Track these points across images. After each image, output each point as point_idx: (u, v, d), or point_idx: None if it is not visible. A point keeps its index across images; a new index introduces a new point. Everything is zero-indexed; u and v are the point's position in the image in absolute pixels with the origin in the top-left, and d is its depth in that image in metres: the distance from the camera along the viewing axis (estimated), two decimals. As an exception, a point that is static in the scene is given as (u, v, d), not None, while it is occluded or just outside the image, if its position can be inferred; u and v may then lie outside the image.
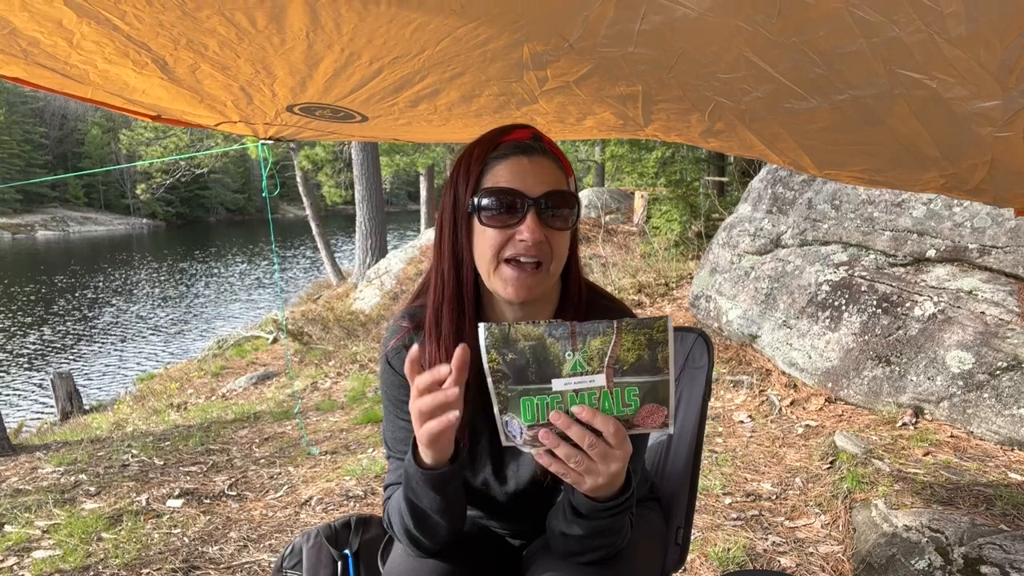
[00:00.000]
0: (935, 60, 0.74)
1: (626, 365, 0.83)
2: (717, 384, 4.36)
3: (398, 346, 1.17)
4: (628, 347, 0.82)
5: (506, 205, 1.03)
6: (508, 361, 0.84)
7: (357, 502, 3.16)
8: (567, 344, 0.83)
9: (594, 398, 0.84)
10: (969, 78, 0.75)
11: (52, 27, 1.12)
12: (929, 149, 0.99)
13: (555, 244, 1.06)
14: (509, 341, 0.83)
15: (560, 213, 1.05)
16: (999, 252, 3.58)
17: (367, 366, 6.57)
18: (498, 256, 1.05)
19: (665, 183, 9.93)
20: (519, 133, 1.09)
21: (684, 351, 1.56)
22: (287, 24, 1.10)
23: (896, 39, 0.73)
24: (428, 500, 1.02)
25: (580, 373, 0.83)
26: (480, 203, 1.05)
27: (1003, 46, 0.70)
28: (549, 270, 1.06)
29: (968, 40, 0.69)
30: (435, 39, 1.12)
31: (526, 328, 0.83)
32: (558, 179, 1.07)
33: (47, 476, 3.70)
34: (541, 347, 0.83)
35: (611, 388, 0.83)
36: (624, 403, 0.84)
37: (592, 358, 0.83)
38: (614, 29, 0.93)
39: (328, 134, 2.25)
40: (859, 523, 2.49)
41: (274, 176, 3.68)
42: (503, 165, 1.06)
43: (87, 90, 1.53)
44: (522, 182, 1.04)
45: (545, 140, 1.10)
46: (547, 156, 1.08)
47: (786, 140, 1.17)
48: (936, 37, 0.70)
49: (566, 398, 0.84)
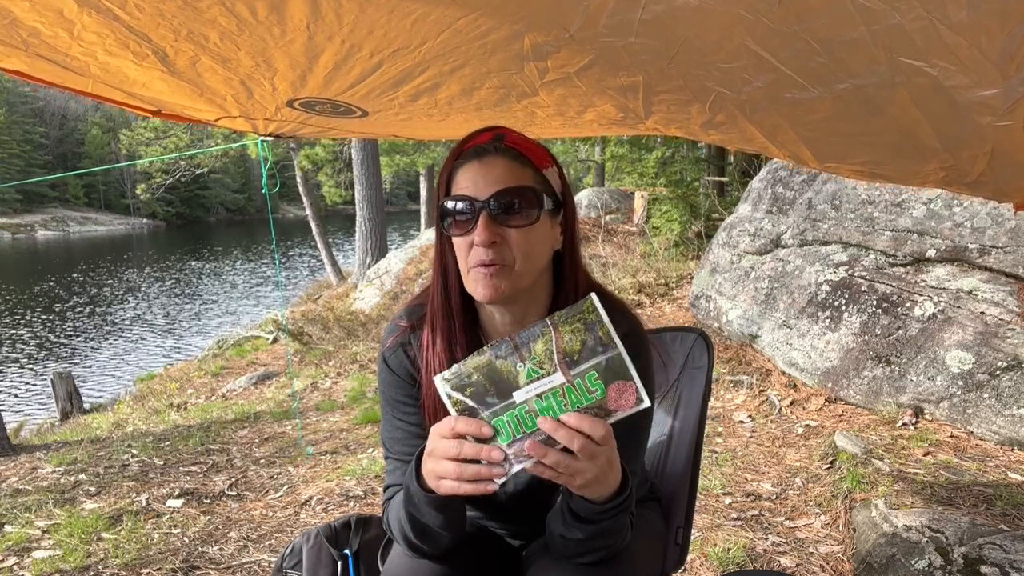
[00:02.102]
0: (936, 47, 0.74)
1: (575, 355, 0.84)
2: (717, 384, 4.35)
3: (395, 345, 1.17)
4: (569, 337, 0.84)
5: (461, 211, 1.04)
6: (469, 395, 0.87)
7: (357, 502, 3.15)
8: (515, 358, 0.85)
9: (558, 396, 0.85)
10: (970, 65, 0.75)
11: (53, 17, 1.12)
12: (929, 139, 0.99)
13: (515, 242, 1.04)
14: (463, 377, 0.87)
15: (515, 209, 1.03)
16: (999, 252, 3.58)
17: (367, 366, 6.56)
18: (467, 262, 1.06)
19: (665, 183, 9.94)
20: (481, 137, 1.09)
21: (684, 351, 1.56)
22: (288, 15, 1.10)
23: (897, 26, 0.73)
24: (431, 518, 1.01)
25: (536, 379, 0.85)
26: (443, 214, 1.07)
27: (1004, 33, 0.69)
28: (515, 269, 1.05)
29: (969, 27, 0.69)
30: (436, 31, 1.12)
31: (473, 360, 0.87)
32: (515, 175, 1.05)
33: (47, 476, 3.69)
34: (492, 369, 0.86)
35: (571, 381, 0.85)
36: (588, 390, 0.85)
37: (542, 361, 0.85)
38: (615, 19, 0.93)
39: (328, 131, 2.25)
40: (859, 523, 2.48)
41: (274, 174, 3.68)
42: (460, 172, 1.07)
43: (87, 83, 1.53)
44: (473, 186, 1.04)
45: (508, 138, 1.08)
46: (503, 155, 1.06)
47: (787, 132, 1.17)
48: (937, 24, 0.70)
49: (531, 404, 0.86)
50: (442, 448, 0.89)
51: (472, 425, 0.87)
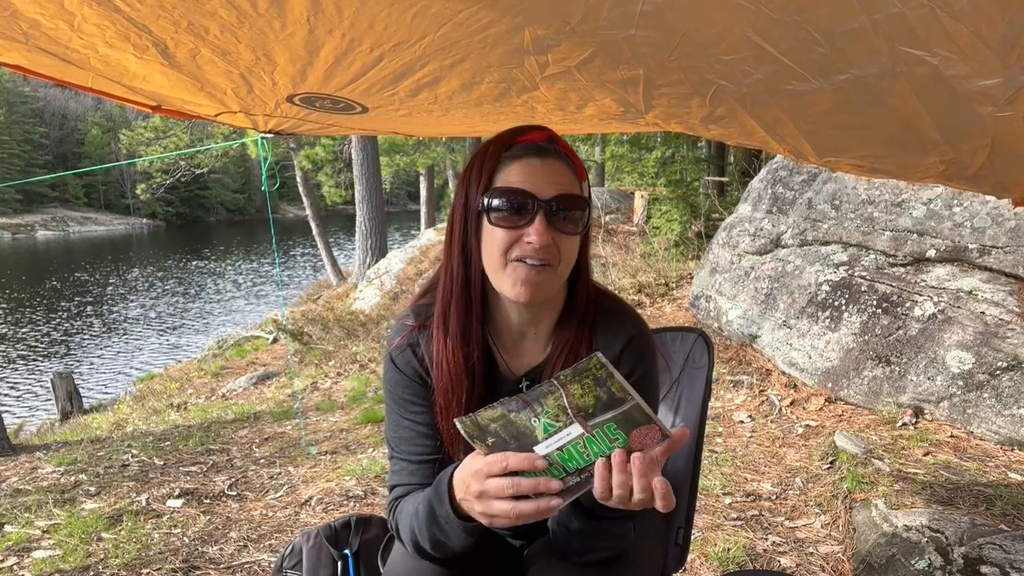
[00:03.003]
0: (937, 35, 0.74)
1: (589, 408, 0.81)
2: (717, 384, 4.35)
3: (403, 344, 1.16)
4: (580, 394, 0.81)
5: (516, 206, 1.03)
6: (490, 444, 0.86)
7: (357, 502, 3.15)
8: (528, 412, 0.83)
9: (579, 447, 0.83)
10: (971, 54, 0.75)
11: (53, 8, 1.11)
12: (930, 131, 0.99)
13: (563, 248, 1.05)
14: (481, 427, 0.85)
15: (570, 216, 1.05)
16: (999, 252, 3.58)
17: (367, 366, 6.56)
18: (506, 256, 1.04)
19: (665, 183, 9.95)
20: (535, 134, 1.09)
21: (684, 351, 1.56)
22: (288, 7, 1.10)
23: (899, 15, 0.72)
24: (459, 541, 1.00)
25: (554, 432, 0.83)
26: (490, 203, 1.04)
27: (1005, 21, 0.69)
28: (557, 272, 1.06)
29: (970, 14, 0.69)
30: (436, 24, 1.11)
31: (488, 412, 0.84)
32: (570, 182, 1.06)
33: (47, 476, 3.69)
34: (508, 423, 0.84)
35: (591, 432, 0.83)
36: (610, 439, 0.83)
37: (557, 415, 0.82)
38: (615, 11, 0.93)
39: (328, 127, 2.24)
40: (859, 523, 2.48)
41: (274, 173, 3.68)
42: (515, 166, 1.05)
43: (87, 77, 1.53)
44: (533, 183, 1.03)
45: (560, 143, 1.10)
46: (561, 159, 1.07)
47: (787, 125, 1.17)
48: (938, 11, 0.70)
49: (553, 459, 0.84)
50: (495, 488, 0.87)
51: (525, 461, 0.85)
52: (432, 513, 1.00)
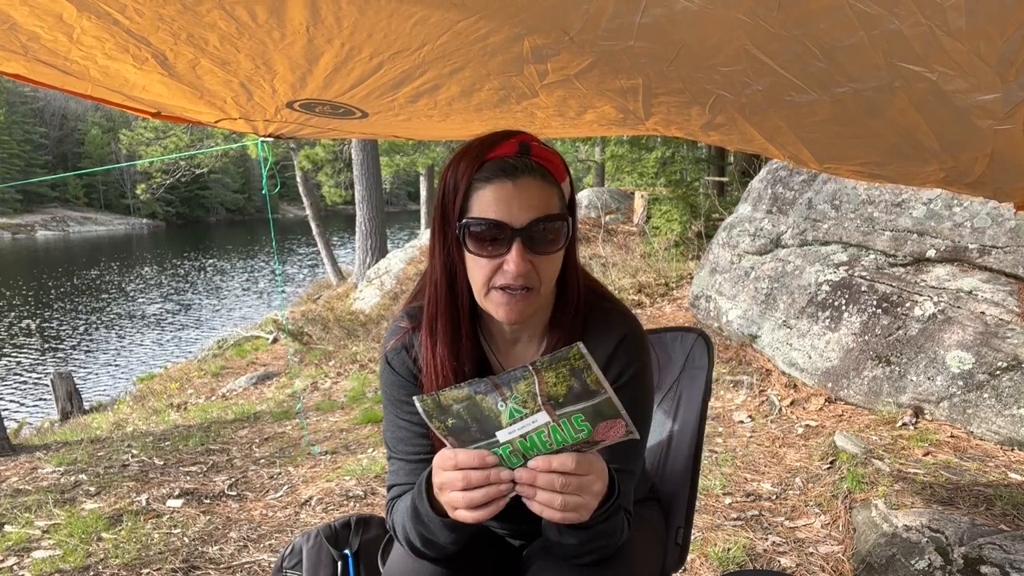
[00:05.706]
0: (935, 53, 0.74)
1: (560, 398, 0.81)
2: (717, 384, 4.35)
3: (398, 346, 1.17)
4: (553, 383, 0.80)
5: (490, 238, 1.01)
6: (450, 426, 0.85)
7: (357, 502, 3.15)
8: (496, 396, 0.82)
9: (543, 436, 0.83)
10: (969, 71, 0.75)
11: (52, 22, 1.12)
12: (929, 142, 0.99)
13: (544, 269, 1.04)
14: (442, 407, 0.84)
15: (548, 236, 1.03)
16: (999, 252, 3.58)
17: (367, 366, 6.56)
18: (487, 284, 1.04)
19: (665, 183, 9.95)
20: (505, 147, 1.04)
21: (684, 351, 1.56)
22: (287, 18, 1.10)
23: (896, 32, 0.73)
24: (444, 537, 1.02)
25: (519, 418, 0.82)
26: (466, 232, 1.02)
27: (1003, 40, 0.70)
28: (540, 292, 1.05)
29: (968, 33, 0.69)
30: (436, 33, 1.12)
31: (453, 392, 0.83)
32: (546, 198, 1.03)
33: (47, 476, 3.69)
34: (473, 405, 0.83)
35: (557, 421, 0.82)
36: (575, 429, 0.83)
37: (525, 401, 0.81)
38: (615, 22, 0.93)
39: (328, 131, 2.25)
40: (859, 523, 2.48)
41: (274, 175, 3.68)
42: (487, 191, 1.02)
43: (87, 87, 1.53)
44: (507, 211, 1.00)
45: (533, 150, 1.05)
46: (533, 174, 1.03)
47: (786, 133, 1.17)
48: (936, 30, 0.70)
49: (516, 445, 0.84)
50: (449, 481, 0.89)
51: (474, 458, 0.86)
52: (416, 510, 1.02)
